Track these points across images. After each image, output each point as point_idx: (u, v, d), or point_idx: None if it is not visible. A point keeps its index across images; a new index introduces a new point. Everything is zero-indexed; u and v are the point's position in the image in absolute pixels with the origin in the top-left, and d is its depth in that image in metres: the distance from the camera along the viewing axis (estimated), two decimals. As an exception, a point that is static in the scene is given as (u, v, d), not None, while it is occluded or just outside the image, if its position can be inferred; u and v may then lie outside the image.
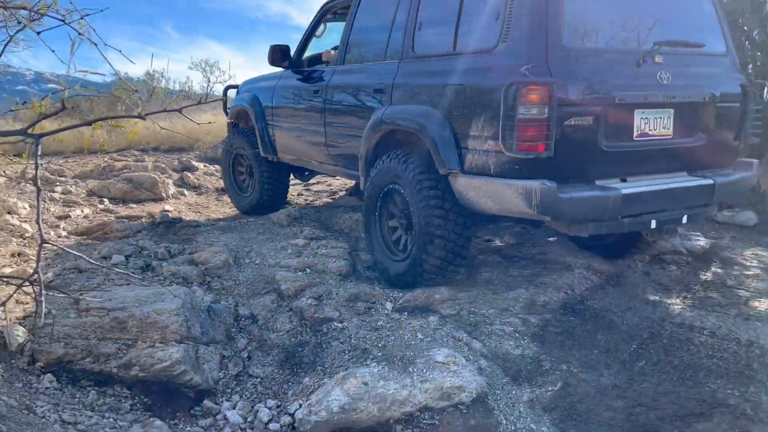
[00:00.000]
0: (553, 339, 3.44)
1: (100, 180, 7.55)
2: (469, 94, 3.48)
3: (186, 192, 7.67)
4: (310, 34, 5.45)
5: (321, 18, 5.37)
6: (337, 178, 6.78)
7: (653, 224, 3.56)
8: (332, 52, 5.23)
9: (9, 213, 5.56)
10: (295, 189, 7.50)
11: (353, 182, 6.23)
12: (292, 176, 6.20)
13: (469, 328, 3.47)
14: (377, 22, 4.49)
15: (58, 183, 7.27)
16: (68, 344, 3.00)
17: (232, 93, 6.60)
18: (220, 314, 3.67)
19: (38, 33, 2.21)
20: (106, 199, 6.87)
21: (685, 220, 3.71)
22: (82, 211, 6.26)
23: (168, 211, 6.27)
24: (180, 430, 2.81)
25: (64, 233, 5.29)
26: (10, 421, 2.33)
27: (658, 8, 3.70)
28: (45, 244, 1.53)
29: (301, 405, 2.88)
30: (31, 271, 3.87)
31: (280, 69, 5.63)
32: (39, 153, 1.41)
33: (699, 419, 2.71)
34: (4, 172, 7.35)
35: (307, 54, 5.64)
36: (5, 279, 2.30)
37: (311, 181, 7.43)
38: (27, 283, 1.87)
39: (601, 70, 3.37)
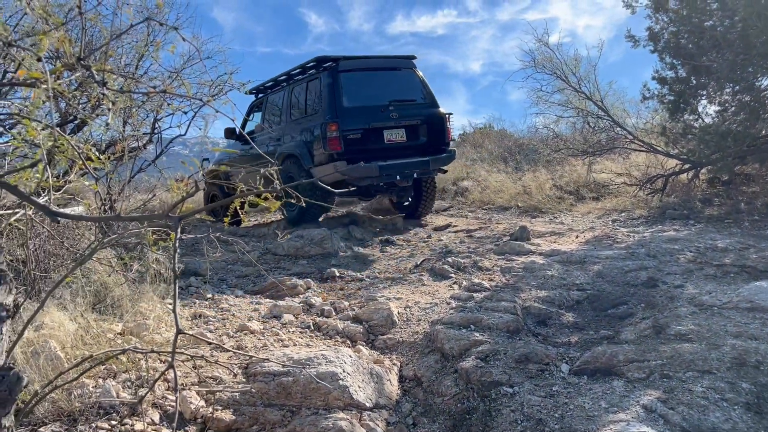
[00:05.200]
0: (774, 410, 2.82)
1: (274, 239, 7.98)
2: (312, 131, 8.07)
3: (353, 246, 7.81)
4: (245, 119, 10.51)
5: (250, 110, 10.50)
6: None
7: (398, 178, 7.94)
8: (258, 124, 10.07)
9: (194, 275, 6.03)
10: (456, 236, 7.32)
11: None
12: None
13: (663, 395, 2.97)
14: (276, 107, 9.45)
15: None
16: (236, 411, 3.03)
17: (206, 163, 10.77)
18: (383, 376, 3.53)
19: (217, 112, 2.32)
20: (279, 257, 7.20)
21: (415, 175, 8.13)
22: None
23: (335, 265, 6.40)
24: (344, 506, 2.66)
25: (241, 292, 5.58)
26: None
27: (393, 86, 8.53)
28: (180, 334, 1.50)
29: (470, 484, 2.61)
30: (211, 337, 4.06)
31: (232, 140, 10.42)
32: (179, 236, 1.39)
33: None
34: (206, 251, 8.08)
35: (246, 130, 10.41)
36: (152, 352, 2.36)
37: (472, 227, 7.43)
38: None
39: (363, 114, 8.01)
